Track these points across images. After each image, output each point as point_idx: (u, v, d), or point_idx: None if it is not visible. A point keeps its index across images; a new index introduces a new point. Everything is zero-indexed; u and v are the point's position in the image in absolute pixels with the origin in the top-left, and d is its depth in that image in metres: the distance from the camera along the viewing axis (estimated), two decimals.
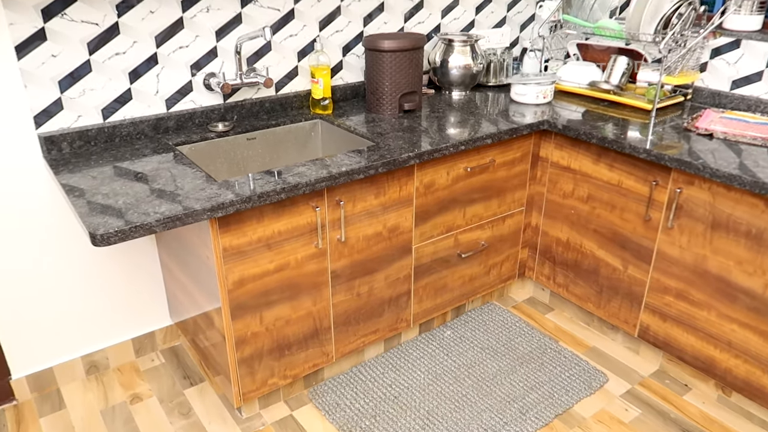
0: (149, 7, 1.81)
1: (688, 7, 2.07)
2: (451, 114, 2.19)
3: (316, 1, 2.13)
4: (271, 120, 2.09)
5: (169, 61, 1.90)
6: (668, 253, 1.92)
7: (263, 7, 2.02)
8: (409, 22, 2.42)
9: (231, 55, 2.01)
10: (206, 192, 1.51)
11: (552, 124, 2.11)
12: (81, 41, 1.73)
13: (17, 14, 1.62)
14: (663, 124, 2.09)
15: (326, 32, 2.20)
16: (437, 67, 2.41)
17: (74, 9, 1.69)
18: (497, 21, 2.69)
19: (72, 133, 1.79)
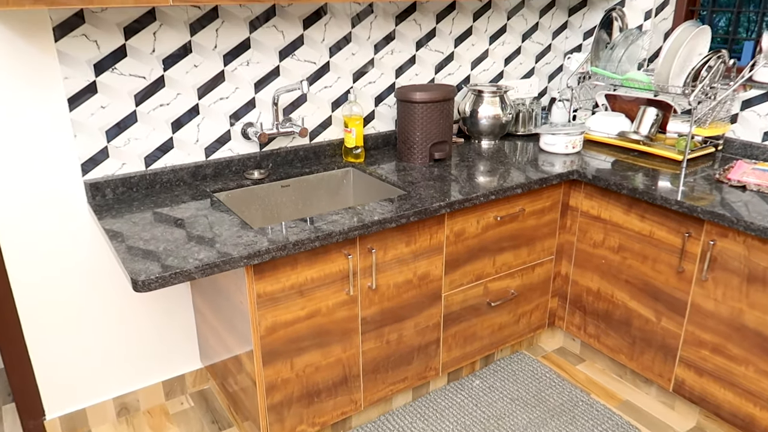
0: (194, 61, 1.90)
1: (718, 60, 2.09)
2: (480, 163, 2.22)
3: (351, 55, 2.22)
4: (304, 168, 2.15)
5: (209, 112, 1.98)
6: (703, 306, 1.89)
7: (300, 61, 2.11)
8: (439, 73, 2.48)
9: (268, 106, 2.09)
10: (243, 239, 1.55)
11: (582, 174, 2.13)
12: (129, 93, 1.82)
13: (71, 69, 1.72)
14: (694, 174, 2.09)
15: (359, 83, 2.28)
16: (467, 117, 2.46)
17: (124, 63, 1.79)
18: (526, 72, 2.75)
19: (116, 180, 1.86)
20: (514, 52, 2.68)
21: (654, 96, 2.35)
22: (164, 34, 1.83)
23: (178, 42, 1.86)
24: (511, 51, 2.66)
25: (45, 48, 1.67)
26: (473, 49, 2.54)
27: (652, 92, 2.32)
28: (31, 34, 1.64)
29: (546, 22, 2.72)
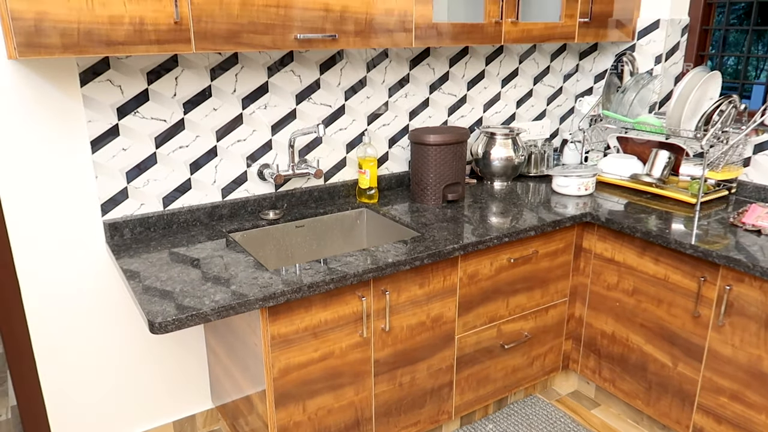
0: (213, 104, 1.95)
1: (729, 105, 2.11)
2: (493, 204, 2.24)
3: (366, 98, 2.26)
4: (319, 208, 2.18)
5: (227, 154, 2.02)
6: (720, 351, 1.87)
7: (316, 104, 2.15)
8: (452, 115, 2.52)
9: (285, 148, 2.12)
10: (258, 281, 1.57)
11: (595, 217, 2.13)
12: (149, 136, 1.87)
13: (95, 112, 1.77)
14: (708, 217, 2.09)
15: (374, 126, 2.32)
16: (479, 158, 2.49)
17: (146, 107, 1.84)
18: (537, 114, 2.79)
19: (134, 220, 1.89)
20: (526, 94, 2.72)
21: (666, 139, 2.37)
22: (185, 79, 1.88)
23: (198, 86, 1.91)
24: (523, 94, 2.71)
25: (71, 92, 1.72)
26: (485, 92, 2.58)
27: (664, 135, 2.34)
28: (58, 80, 1.70)
29: (557, 66, 2.77)
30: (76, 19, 1.41)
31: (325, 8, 1.75)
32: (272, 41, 1.69)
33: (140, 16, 1.48)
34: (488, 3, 2.08)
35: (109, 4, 1.44)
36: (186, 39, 1.56)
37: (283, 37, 1.71)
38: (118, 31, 1.46)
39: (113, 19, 1.45)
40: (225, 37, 1.61)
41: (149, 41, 1.51)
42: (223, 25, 1.60)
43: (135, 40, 1.49)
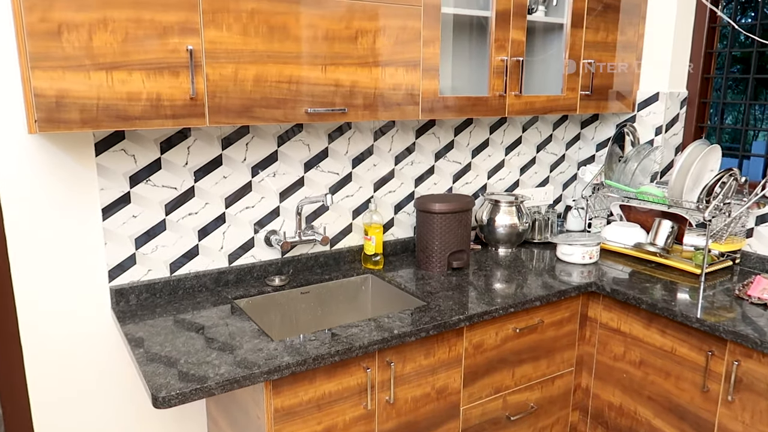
0: (223, 172, 1.99)
1: (730, 178, 2.14)
2: (498, 272, 2.24)
3: (373, 165, 2.31)
4: (324, 274, 2.18)
5: (235, 220, 2.05)
6: (730, 428, 1.83)
7: (324, 172, 2.20)
8: (457, 182, 2.56)
9: (292, 215, 2.15)
10: (263, 353, 1.56)
11: (600, 287, 2.14)
12: (160, 203, 1.90)
13: (108, 181, 1.81)
14: (713, 288, 2.09)
15: (380, 192, 2.35)
16: (484, 225, 2.51)
17: (158, 176, 1.88)
18: (541, 180, 2.83)
19: (140, 286, 1.90)
20: (530, 162, 2.77)
21: (668, 209, 2.40)
22: (198, 148, 1.93)
23: (210, 155, 1.96)
24: (527, 161, 2.76)
25: (85, 162, 1.77)
26: (490, 159, 2.64)
27: (667, 205, 2.37)
28: (74, 149, 1.74)
29: (559, 134, 2.83)
30: (95, 95, 1.46)
31: (335, 83, 1.81)
32: (284, 115, 1.74)
33: (157, 93, 1.54)
34: (492, 77, 2.15)
35: (128, 82, 1.49)
36: (200, 114, 1.61)
37: (294, 111, 1.76)
38: (135, 106, 1.51)
39: (131, 95, 1.50)
40: (238, 112, 1.67)
41: (165, 116, 1.56)
42: (236, 100, 1.65)
43: (151, 115, 1.54)
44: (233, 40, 1.62)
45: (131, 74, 1.50)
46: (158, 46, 1.52)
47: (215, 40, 1.59)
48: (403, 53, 1.92)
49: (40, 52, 1.38)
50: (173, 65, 1.55)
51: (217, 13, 1.58)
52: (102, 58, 1.45)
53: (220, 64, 1.61)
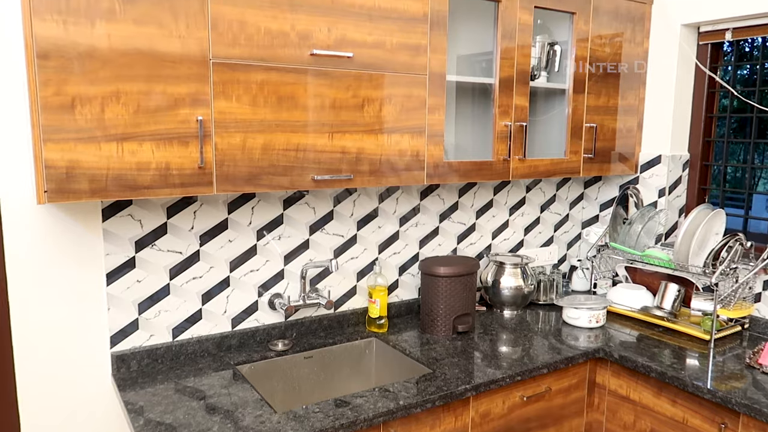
0: (228, 236, 1.99)
1: (736, 242, 2.14)
2: (504, 336, 2.21)
3: (377, 227, 2.31)
4: (328, 338, 2.16)
5: (239, 284, 2.03)
6: None
7: (329, 234, 2.20)
8: (461, 243, 2.56)
9: (297, 277, 2.14)
10: (266, 425, 1.52)
11: (608, 353, 2.10)
12: (164, 268, 1.89)
13: (114, 246, 1.81)
14: (723, 354, 2.05)
15: (384, 254, 2.35)
16: (489, 286, 2.50)
17: (163, 240, 1.88)
18: (545, 240, 2.83)
19: (142, 352, 1.87)
20: (534, 221, 2.77)
21: (673, 272, 2.38)
22: (204, 213, 1.94)
23: (216, 219, 1.96)
24: (531, 221, 2.76)
25: (92, 227, 1.77)
26: (494, 220, 2.64)
27: (673, 269, 2.35)
28: (81, 215, 1.75)
29: (563, 194, 2.84)
30: (105, 165, 1.48)
31: (341, 150, 1.83)
32: (290, 182, 1.76)
33: (166, 162, 1.55)
34: (496, 142, 2.18)
35: (138, 152, 1.51)
36: (208, 182, 1.62)
37: (301, 178, 1.78)
38: (144, 176, 1.53)
39: (141, 165, 1.52)
40: (245, 179, 1.68)
41: (173, 185, 1.57)
42: (244, 168, 1.67)
43: (160, 184, 1.55)
44: (242, 110, 1.65)
45: (141, 145, 1.52)
46: (169, 117, 1.54)
47: (225, 110, 1.62)
48: (408, 120, 1.95)
49: (53, 125, 1.40)
50: (183, 135, 1.57)
51: (228, 85, 1.62)
52: (113, 129, 1.48)
53: (228, 134, 1.64)
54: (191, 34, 1.55)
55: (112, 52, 1.46)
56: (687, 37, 2.51)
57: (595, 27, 2.38)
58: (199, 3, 1.55)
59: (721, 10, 2.34)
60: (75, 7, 1.40)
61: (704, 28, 2.49)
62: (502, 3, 2.11)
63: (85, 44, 1.42)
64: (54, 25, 1.38)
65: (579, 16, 2.32)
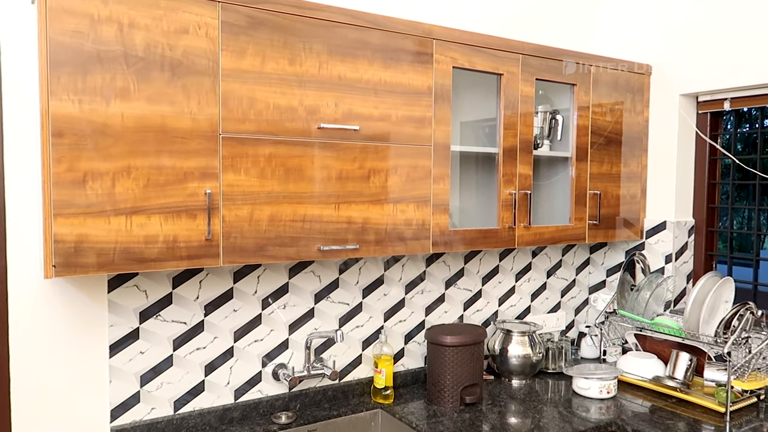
0: (234, 306, 1.98)
1: (747, 311, 2.11)
2: (513, 407, 2.16)
3: (383, 295, 2.30)
4: (333, 410, 2.11)
5: (243, 354, 2.01)
6: None
7: (334, 302, 2.18)
8: (468, 310, 2.54)
9: (301, 347, 2.12)
10: None
11: (620, 426, 2.04)
12: (168, 338, 1.88)
13: (118, 317, 1.80)
14: (739, 428, 1.99)
15: (390, 322, 2.32)
16: (496, 354, 2.45)
17: (168, 310, 1.87)
18: (552, 306, 2.80)
19: (143, 426, 1.83)
20: (540, 287, 2.75)
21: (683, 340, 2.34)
22: (209, 282, 1.94)
23: (221, 289, 1.96)
24: (537, 287, 2.74)
25: (97, 298, 1.77)
26: (500, 286, 2.63)
27: (683, 338, 2.32)
28: (87, 286, 1.75)
29: (569, 260, 2.83)
30: (113, 239, 1.49)
31: (347, 221, 1.85)
32: (297, 253, 1.76)
33: (174, 235, 1.57)
34: (501, 210, 2.19)
35: (146, 225, 1.53)
36: (215, 254, 1.63)
37: (308, 249, 1.78)
38: (151, 249, 1.54)
39: (149, 238, 1.53)
40: (252, 251, 1.69)
41: (180, 257, 1.58)
42: (251, 239, 1.68)
43: (167, 257, 1.56)
44: (250, 183, 1.67)
45: (150, 218, 1.53)
46: (178, 191, 1.57)
47: (233, 183, 1.65)
48: (414, 190, 1.98)
49: (64, 200, 1.43)
50: (191, 208, 1.59)
51: (236, 158, 1.65)
52: (123, 203, 1.50)
53: (236, 206, 1.66)
54: (202, 111, 1.60)
55: (125, 129, 1.50)
56: (686, 106, 2.56)
57: (595, 97, 2.43)
58: (210, 82, 1.60)
59: (718, 82, 2.40)
60: (91, 87, 1.45)
61: (703, 97, 2.54)
62: (504, 76, 2.17)
63: (99, 122, 1.46)
64: (70, 104, 1.43)
65: (579, 87, 2.38)
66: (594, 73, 2.42)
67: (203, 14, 1.59)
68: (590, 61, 2.40)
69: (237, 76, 1.64)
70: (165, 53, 1.54)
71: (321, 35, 1.77)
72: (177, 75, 1.56)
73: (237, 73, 1.64)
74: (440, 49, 2.01)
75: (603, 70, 2.44)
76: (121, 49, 1.49)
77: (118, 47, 1.48)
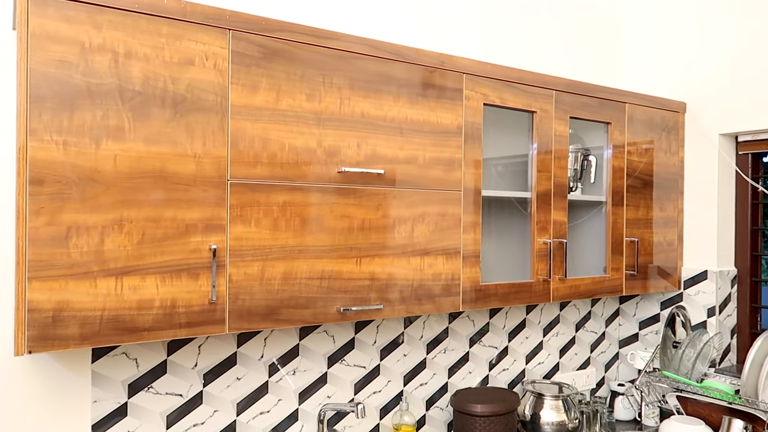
0: (237, 373, 1.73)
1: None
2: None
3: (403, 356, 2.05)
4: None
5: (247, 429, 1.74)
6: None
7: (349, 366, 1.94)
8: (494, 370, 2.29)
9: (313, 418, 1.86)
10: None
11: None
12: (161, 414, 1.61)
13: (103, 391, 1.54)
14: None
15: (410, 386, 2.07)
16: (527, 421, 2.20)
17: (162, 381, 1.62)
18: (581, 362, 2.56)
19: None
20: (569, 342, 2.52)
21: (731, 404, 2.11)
22: (210, 347, 1.69)
23: (223, 354, 1.71)
24: (566, 341, 2.51)
25: (79, 369, 1.51)
26: (527, 342, 2.39)
27: (741, 404, 2.08)
28: (67, 356, 1.50)
29: (598, 311, 2.61)
30: (100, 306, 1.25)
31: (370, 277, 1.62)
32: (313, 315, 1.53)
33: (172, 299, 1.33)
34: (535, 261, 1.97)
35: (140, 288, 1.29)
36: (219, 319, 1.39)
37: (326, 310, 1.55)
38: (145, 316, 1.30)
39: (142, 303, 1.29)
40: (262, 315, 1.45)
41: (178, 325, 1.34)
42: (261, 301, 1.44)
43: (163, 325, 1.32)
44: (261, 236, 1.45)
45: (144, 279, 1.30)
46: (178, 246, 1.34)
47: (242, 236, 1.42)
48: (442, 240, 1.75)
49: (42, 260, 1.19)
50: (193, 267, 1.35)
51: (246, 208, 1.43)
52: (113, 262, 1.26)
53: (245, 263, 1.42)
54: (208, 152, 1.38)
55: (118, 174, 1.27)
56: (725, 146, 2.38)
57: (630, 136, 2.24)
58: (218, 119, 1.39)
59: (762, 121, 2.23)
60: (79, 125, 1.23)
61: (743, 137, 2.37)
62: (537, 114, 1.98)
63: (88, 167, 1.24)
64: (53, 146, 1.20)
65: (614, 126, 2.19)
66: (629, 110, 2.24)
67: (211, 43, 1.38)
68: (624, 97, 2.22)
69: (248, 114, 1.43)
70: (167, 87, 1.33)
71: (341, 68, 1.57)
72: (180, 112, 1.34)
73: (248, 110, 1.43)
74: (470, 84, 1.81)
75: (637, 107, 2.26)
76: (115, 82, 1.27)
77: (112, 80, 1.27)
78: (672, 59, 2.50)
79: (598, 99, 2.14)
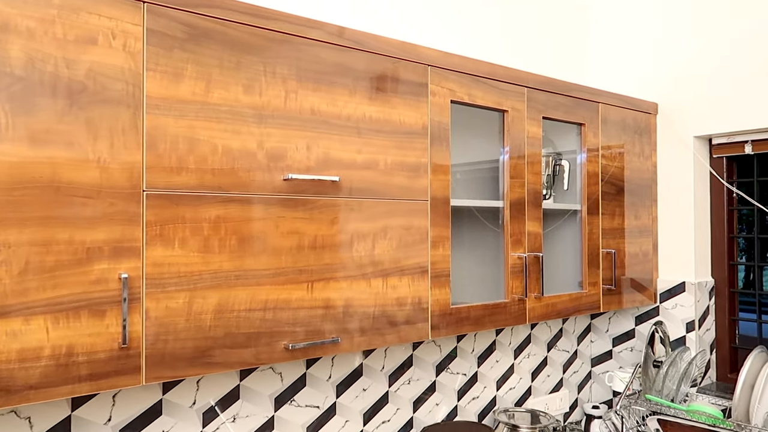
0: (162, 426, 1.42)
1: None
2: None
3: (362, 390, 1.79)
4: None
5: None
6: None
7: (300, 407, 1.65)
8: (462, 399, 2.05)
9: None
10: None
11: None
12: None
13: None
14: None
15: (371, 425, 1.81)
16: None
17: None
18: (554, 385, 2.36)
19: None
20: (541, 363, 2.31)
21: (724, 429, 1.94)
22: (126, 398, 1.38)
23: (145, 404, 1.40)
24: (537, 363, 2.30)
25: None
26: (498, 366, 2.16)
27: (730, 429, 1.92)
28: None
29: (569, 327, 2.42)
30: None
31: (324, 305, 1.35)
32: (255, 356, 1.24)
33: (68, 345, 1.02)
34: (509, 278, 1.75)
35: (22, 334, 0.98)
36: (134, 368, 1.09)
37: (270, 348, 1.27)
38: (30, 370, 0.99)
39: (25, 354, 0.98)
40: (190, 358, 1.16)
41: (77, 378, 1.03)
42: (188, 342, 1.15)
43: (55, 380, 1.01)
44: (189, 260, 1.16)
45: (29, 322, 0.99)
46: (76, 277, 1.03)
47: (163, 261, 1.13)
48: (408, 258, 1.51)
49: None
50: (97, 302, 1.05)
51: (168, 225, 1.14)
52: None
53: (167, 294, 1.13)
54: (116, 156, 1.08)
55: None
56: (700, 149, 2.24)
57: (604, 139, 2.07)
58: (129, 115, 1.10)
59: (737, 122, 2.09)
60: None
61: (717, 140, 2.23)
62: (508, 113, 1.76)
63: None
64: None
65: (588, 128, 2.01)
66: (602, 111, 2.06)
67: (120, 18, 1.10)
68: (598, 97, 2.04)
69: (170, 108, 1.15)
70: (59, 72, 1.03)
71: (287, 55, 1.31)
72: (78, 104, 1.05)
73: (170, 104, 1.15)
74: (436, 78, 1.58)
75: (611, 108, 2.09)
76: None
77: None
78: (641, 56, 2.35)
79: (572, 98, 1.95)
